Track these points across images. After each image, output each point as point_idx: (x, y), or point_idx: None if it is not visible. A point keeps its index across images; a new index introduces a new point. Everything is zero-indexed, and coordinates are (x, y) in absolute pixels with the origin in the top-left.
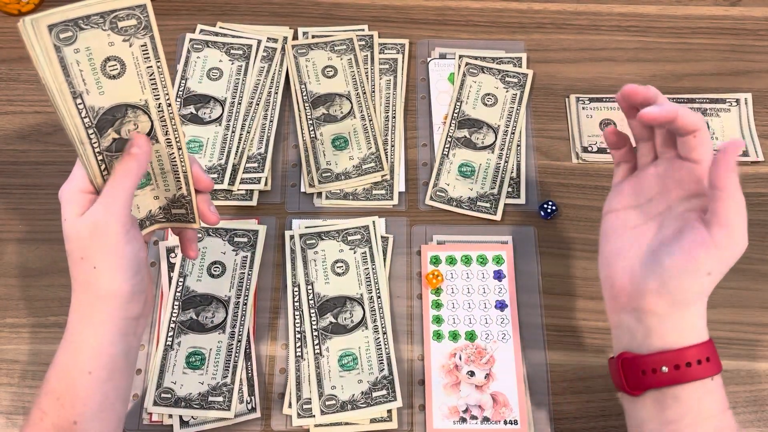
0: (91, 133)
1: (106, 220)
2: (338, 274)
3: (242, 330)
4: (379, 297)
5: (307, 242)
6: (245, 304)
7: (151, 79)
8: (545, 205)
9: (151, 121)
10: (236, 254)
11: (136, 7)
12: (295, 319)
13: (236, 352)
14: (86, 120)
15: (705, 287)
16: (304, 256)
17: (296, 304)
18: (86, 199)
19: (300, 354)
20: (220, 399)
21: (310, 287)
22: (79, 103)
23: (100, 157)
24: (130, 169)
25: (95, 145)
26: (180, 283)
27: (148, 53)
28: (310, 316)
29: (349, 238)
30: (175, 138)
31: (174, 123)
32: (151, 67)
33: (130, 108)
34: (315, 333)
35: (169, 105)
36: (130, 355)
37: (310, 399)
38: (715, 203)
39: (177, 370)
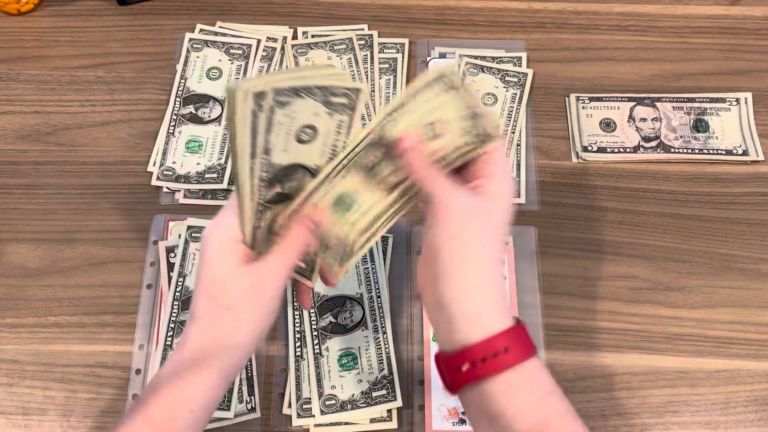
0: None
1: (269, 283)
2: None
3: None
4: (379, 297)
5: None
6: None
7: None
8: None
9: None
10: None
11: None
12: (294, 319)
13: None
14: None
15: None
16: None
17: (296, 303)
18: (241, 250)
19: (300, 354)
20: None
21: None
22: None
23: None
24: (303, 240)
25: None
26: (180, 283)
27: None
28: (310, 316)
29: None
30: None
31: (330, 187)
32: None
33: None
34: (315, 333)
35: (336, 172)
36: (222, 397)
37: (310, 399)
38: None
39: None
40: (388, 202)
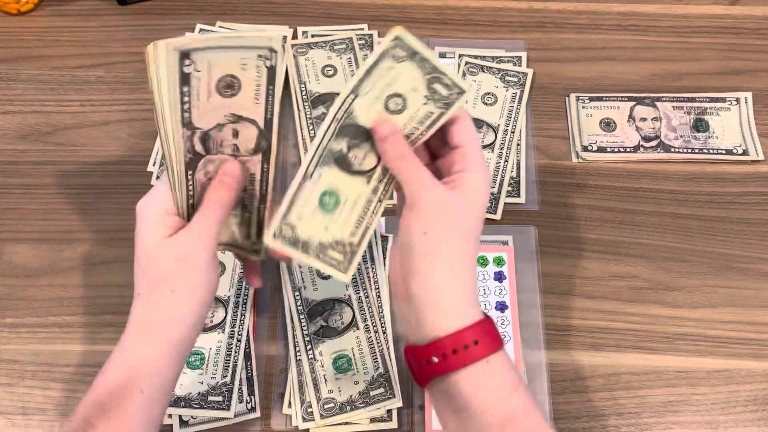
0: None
1: (196, 249)
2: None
3: (242, 329)
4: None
5: None
6: (245, 303)
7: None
8: None
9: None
10: None
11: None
12: (292, 321)
13: (236, 352)
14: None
15: (432, 252)
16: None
17: (297, 306)
18: (171, 221)
19: (299, 358)
20: (220, 399)
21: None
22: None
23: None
24: (222, 198)
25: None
26: None
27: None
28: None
29: None
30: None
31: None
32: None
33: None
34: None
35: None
36: (177, 376)
37: (310, 402)
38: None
39: None
40: (371, 189)
